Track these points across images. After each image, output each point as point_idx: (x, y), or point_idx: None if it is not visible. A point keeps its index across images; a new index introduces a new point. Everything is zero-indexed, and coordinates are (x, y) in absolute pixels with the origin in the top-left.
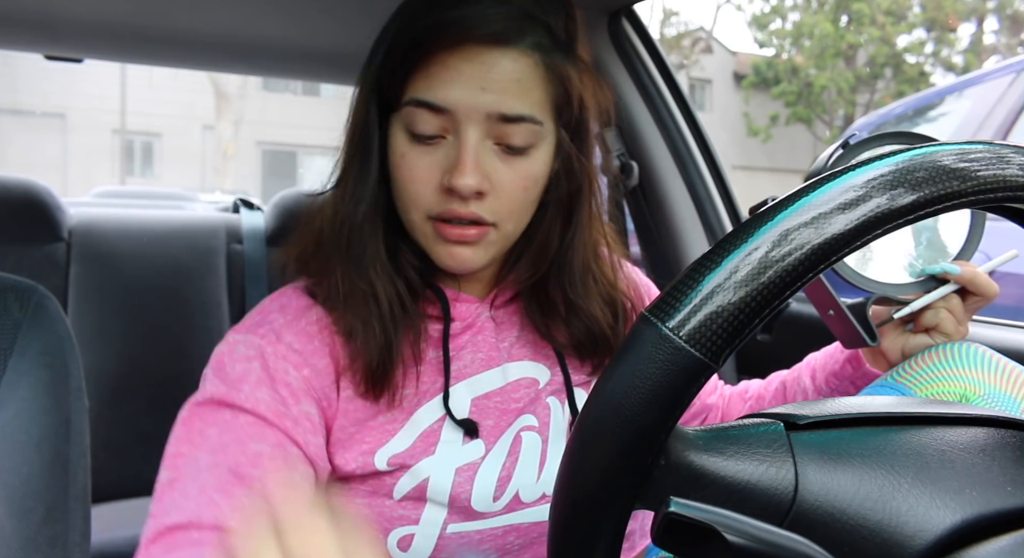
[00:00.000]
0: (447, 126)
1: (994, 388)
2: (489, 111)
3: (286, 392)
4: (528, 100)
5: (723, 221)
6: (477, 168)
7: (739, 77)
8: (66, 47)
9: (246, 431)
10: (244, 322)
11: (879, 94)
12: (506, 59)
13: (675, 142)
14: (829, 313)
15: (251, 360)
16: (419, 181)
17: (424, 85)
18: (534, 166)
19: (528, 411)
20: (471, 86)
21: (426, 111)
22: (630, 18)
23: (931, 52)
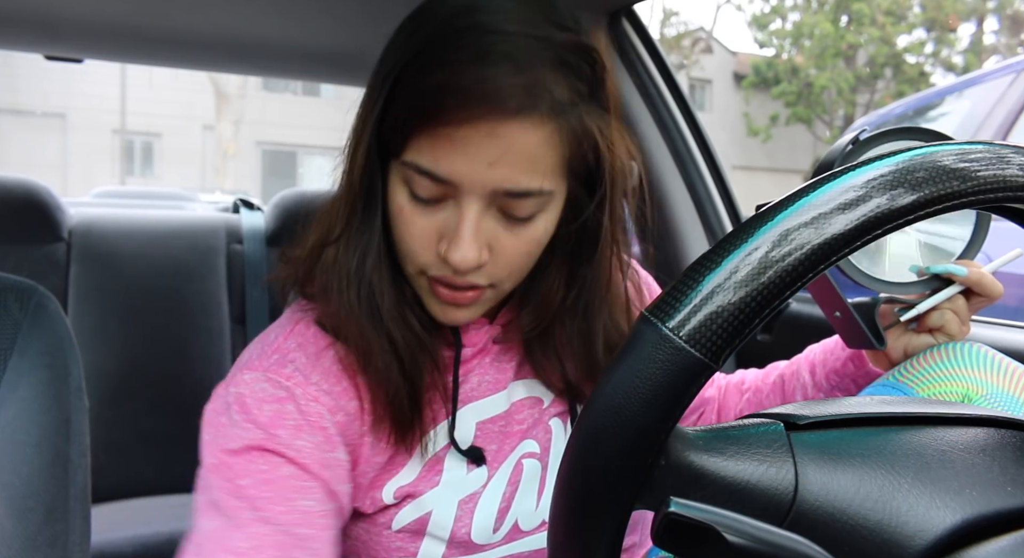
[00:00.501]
0: (448, 193)
1: (997, 388)
2: (495, 188)
3: (322, 438)
4: (539, 172)
5: (723, 221)
6: (476, 241)
7: (739, 77)
8: (66, 47)
9: (290, 486)
10: (257, 359)
11: (879, 94)
12: (520, 132)
13: (675, 142)
14: (835, 314)
15: (283, 402)
16: (415, 240)
17: (427, 153)
18: (538, 231)
19: (530, 435)
20: (478, 161)
21: (426, 178)
22: (630, 18)
23: (931, 52)
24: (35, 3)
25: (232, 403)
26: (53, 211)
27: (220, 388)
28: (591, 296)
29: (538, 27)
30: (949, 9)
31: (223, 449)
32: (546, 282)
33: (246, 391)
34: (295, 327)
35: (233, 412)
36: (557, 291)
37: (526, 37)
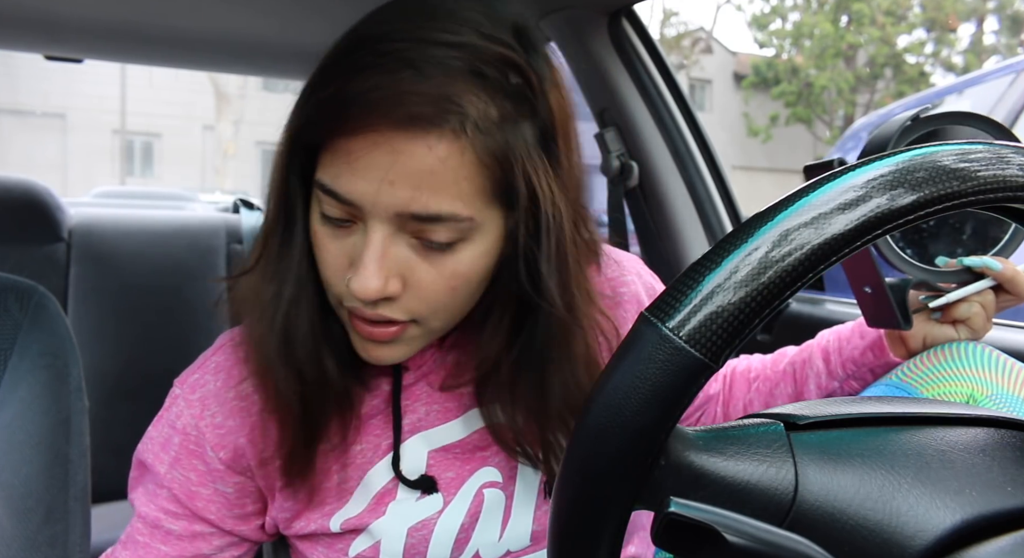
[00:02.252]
0: (356, 215)
1: (1001, 388)
2: (399, 209)
3: (203, 468)
4: (449, 194)
5: (723, 221)
6: (382, 270)
7: (739, 77)
8: (66, 47)
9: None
10: (195, 371)
11: (879, 94)
12: (422, 147)
13: (675, 142)
14: (865, 289)
15: (175, 431)
16: (329, 266)
17: (330, 170)
18: (462, 263)
19: (492, 463)
20: (376, 179)
21: (330, 198)
22: (630, 18)
23: (931, 52)
24: (35, 3)
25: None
26: (53, 211)
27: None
28: (541, 347)
29: (457, 35)
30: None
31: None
32: (491, 322)
33: (167, 404)
34: (224, 346)
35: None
36: (497, 338)
37: (438, 45)
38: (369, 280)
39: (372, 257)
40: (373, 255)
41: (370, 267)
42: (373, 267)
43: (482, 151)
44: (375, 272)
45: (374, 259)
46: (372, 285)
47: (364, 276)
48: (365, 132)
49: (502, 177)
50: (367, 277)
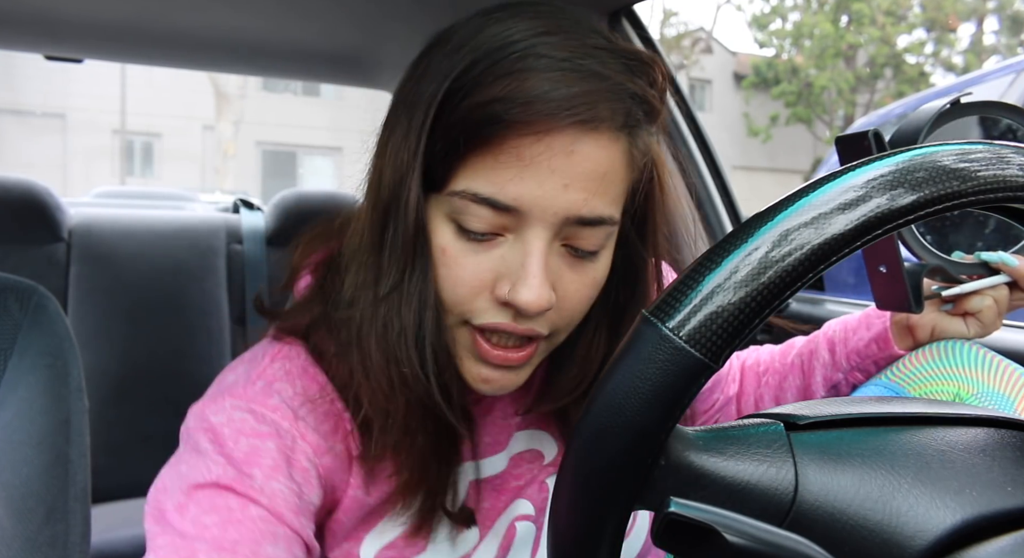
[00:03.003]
0: (508, 225)
1: (988, 387)
2: (569, 214)
3: (301, 480)
4: (612, 196)
5: (723, 221)
6: (548, 279)
7: (739, 77)
8: (66, 47)
9: (258, 528)
10: (241, 386)
11: (879, 94)
12: (596, 148)
13: (675, 142)
14: (880, 268)
15: (263, 438)
16: (464, 285)
17: (488, 176)
18: (600, 269)
19: (525, 495)
20: (552, 184)
21: (485, 207)
22: (630, 18)
23: (931, 52)
24: (35, 3)
25: (206, 432)
26: (53, 211)
27: (197, 408)
28: None
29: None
30: (949, 9)
31: (189, 483)
32: (585, 337)
33: (224, 421)
34: (281, 351)
35: (203, 442)
36: (599, 349)
37: (595, 49)
38: (539, 290)
39: (537, 266)
40: (538, 263)
41: (538, 276)
42: (540, 276)
43: (635, 156)
44: (542, 281)
45: (540, 267)
46: (543, 295)
47: (532, 286)
48: (543, 133)
49: (639, 179)
50: (535, 286)
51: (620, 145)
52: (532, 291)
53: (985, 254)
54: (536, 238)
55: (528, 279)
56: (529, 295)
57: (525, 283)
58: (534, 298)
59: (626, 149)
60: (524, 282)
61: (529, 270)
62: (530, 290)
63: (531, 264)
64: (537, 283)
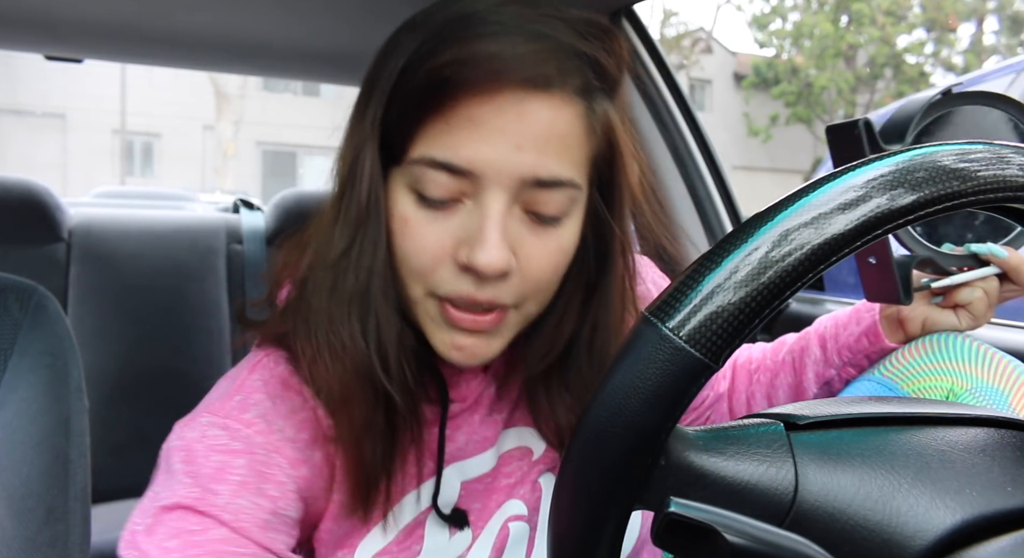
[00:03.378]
0: (466, 190)
1: (982, 381)
2: (524, 175)
3: (276, 493)
4: (569, 159)
5: (723, 221)
6: (505, 241)
7: (739, 77)
8: (66, 47)
9: (217, 550)
10: (219, 400)
11: (879, 94)
12: (548, 109)
13: (675, 142)
14: (869, 260)
15: (234, 454)
16: (426, 253)
17: (442, 141)
18: (566, 237)
19: (516, 494)
20: (504, 144)
21: (442, 172)
22: (630, 18)
23: (931, 52)
24: (35, 3)
25: (179, 450)
26: (53, 211)
27: (177, 426)
28: (604, 327)
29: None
30: (949, 9)
31: (156, 505)
32: (557, 310)
33: (197, 437)
34: (260, 361)
35: (175, 462)
36: (569, 322)
37: (548, 16)
38: (495, 251)
39: (494, 228)
40: (495, 225)
41: (494, 238)
42: (497, 238)
43: (591, 119)
44: (499, 243)
45: (496, 229)
46: (501, 257)
47: (488, 248)
48: (492, 95)
49: (603, 144)
50: (492, 248)
51: (575, 108)
52: (488, 253)
53: (975, 246)
54: (493, 201)
55: (485, 242)
56: (485, 257)
57: (482, 245)
58: (492, 259)
59: (583, 113)
60: (481, 245)
61: (486, 233)
62: (486, 252)
63: (488, 227)
64: (494, 245)
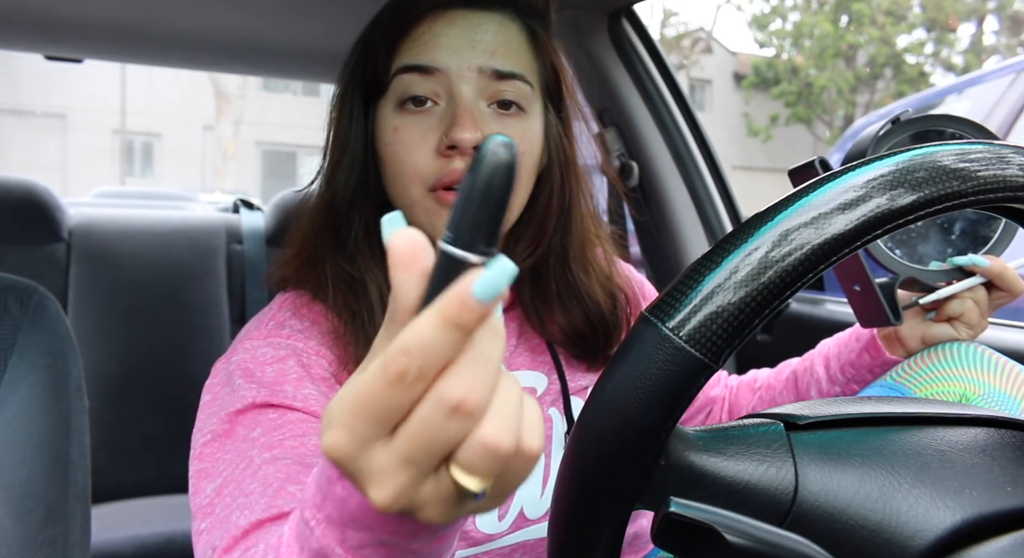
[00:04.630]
0: (439, 90)
1: (994, 388)
2: (482, 66)
3: (327, 387)
4: (518, 60)
5: (723, 221)
6: (475, 123)
7: (739, 77)
8: (66, 47)
9: (300, 427)
10: (257, 329)
11: (879, 94)
12: (492, 23)
13: (675, 142)
14: (854, 287)
15: (284, 360)
16: (415, 149)
17: (413, 51)
18: (529, 129)
19: None
20: (461, 45)
21: (417, 75)
22: (630, 18)
23: (931, 52)
24: (35, 3)
25: (234, 371)
26: (53, 211)
27: (220, 363)
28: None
29: None
30: (949, 9)
31: (229, 412)
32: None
33: (248, 357)
34: (286, 300)
35: (235, 378)
36: (551, 215)
37: None
38: (470, 126)
39: (465, 109)
40: (466, 107)
41: (467, 116)
42: (469, 116)
43: (534, 38)
44: (472, 121)
45: (468, 110)
46: (472, 133)
47: (464, 124)
48: (444, 12)
49: (546, 69)
50: (467, 124)
51: (517, 26)
52: (464, 128)
53: (957, 258)
54: (461, 90)
55: (459, 120)
56: (462, 132)
57: (458, 124)
58: (468, 132)
59: (524, 31)
60: (457, 124)
61: (459, 114)
62: (462, 128)
63: (459, 111)
64: (468, 121)
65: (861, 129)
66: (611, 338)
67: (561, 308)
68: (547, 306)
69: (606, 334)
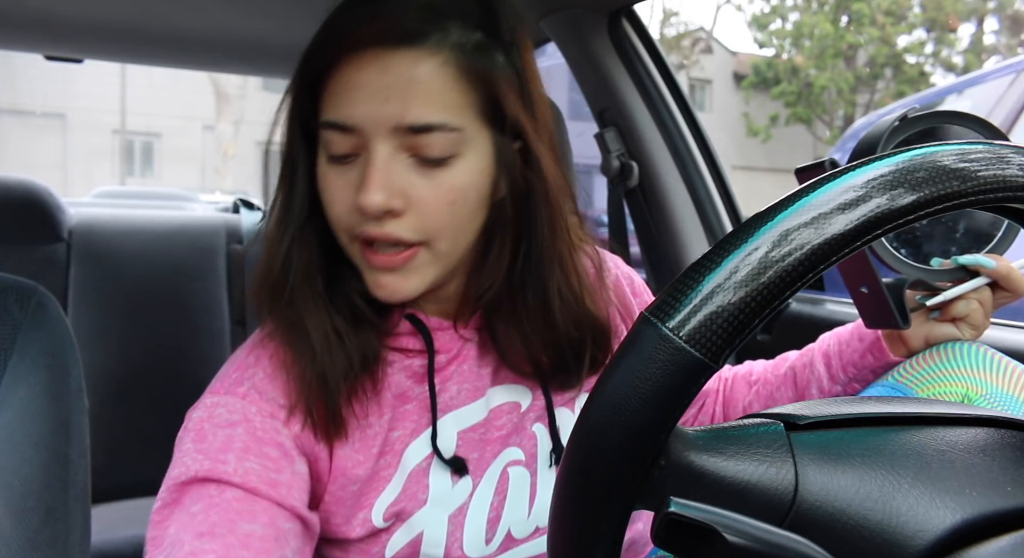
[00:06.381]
0: (357, 144)
1: (996, 388)
2: (395, 124)
3: (277, 454)
4: (437, 105)
5: (723, 221)
6: (384, 185)
7: (739, 77)
8: (66, 47)
9: (234, 508)
10: (221, 381)
11: (879, 94)
12: (405, 62)
13: (675, 142)
14: (861, 289)
15: (235, 425)
16: (337, 202)
17: (331, 104)
18: (458, 178)
19: (512, 442)
20: (373, 98)
21: (336, 132)
22: (630, 18)
23: (931, 52)
24: (35, 3)
25: (190, 430)
26: (53, 211)
27: (190, 412)
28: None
29: None
30: (949, 9)
31: (176, 482)
32: (494, 249)
33: (204, 416)
34: (255, 341)
35: (186, 442)
36: (503, 256)
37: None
38: (374, 193)
39: (375, 172)
40: (376, 170)
41: (374, 181)
42: (376, 181)
43: (463, 68)
44: (378, 186)
45: (377, 174)
46: (377, 197)
47: (370, 190)
48: (352, 56)
49: (487, 97)
50: (372, 190)
51: (440, 58)
52: (368, 194)
53: (962, 258)
54: (376, 149)
55: (366, 185)
56: (365, 198)
57: (364, 188)
58: (369, 200)
59: (450, 62)
60: (364, 187)
61: (367, 177)
62: (366, 194)
63: (368, 173)
64: (373, 187)
65: (861, 129)
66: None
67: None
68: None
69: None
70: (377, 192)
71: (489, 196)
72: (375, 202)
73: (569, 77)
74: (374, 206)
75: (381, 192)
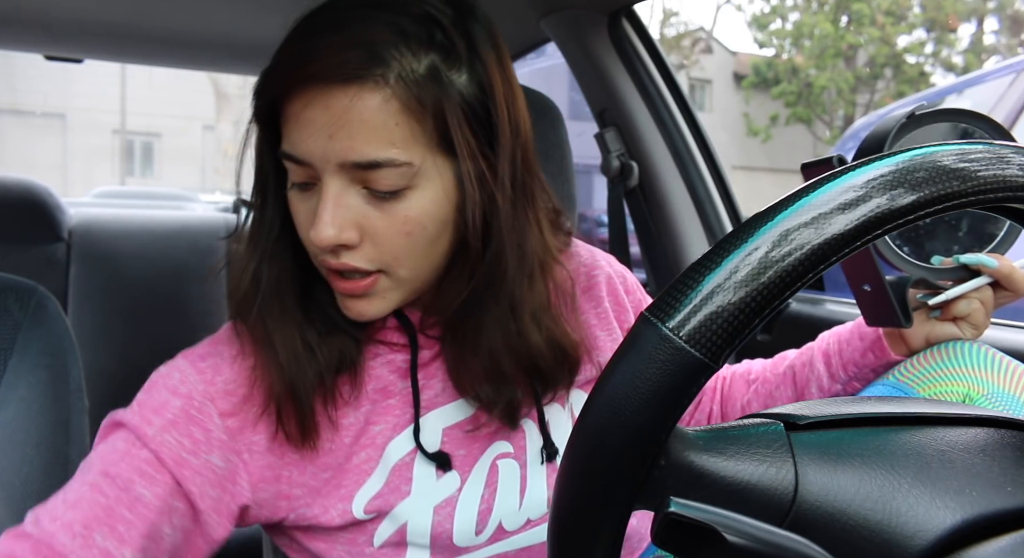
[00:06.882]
0: (313, 175)
1: (997, 388)
2: (341, 160)
3: (200, 437)
4: (383, 141)
5: (723, 221)
6: (335, 221)
7: (739, 77)
8: (66, 47)
9: (139, 469)
10: (200, 345)
11: (879, 94)
12: (346, 99)
13: (675, 142)
14: (864, 287)
15: (176, 396)
16: (302, 228)
17: (286, 135)
18: (412, 209)
19: (499, 437)
20: (319, 135)
21: (292, 163)
22: (630, 18)
23: (931, 52)
24: (35, 3)
25: (150, 381)
26: (53, 211)
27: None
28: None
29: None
30: (949, 9)
31: (116, 419)
32: (451, 276)
33: (164, 372)
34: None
35: (143, 390)
36: (463, 277)
37: (357, 7)
38: (324, 228)
39: (326, 208)
40: (326, 206)
41: (325, 216)
42: (327, 216)
43: (409, 101)
44: (329, 221)
45: (328, 209)
46: (327, 232)
47: (320, 225)
48: (297, 92)
49: (438, 126)
50: (322, 226)
51: (385, 93)
52: (318, 229)
53: (964, 257)
54: (327, 184)
55: (318, 220)
56: (315, 232)
57: (316, 223)
58: (317, 235)
59: (390, 97)
60: (316, 222)
61: (319, 212)
62: (317, 229)
63: (320, 207)
64: (323, 222)
65: (861, 129)
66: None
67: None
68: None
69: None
70: (327, 227)
71: (452, 221)
72: (326, 237)
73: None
74: (326, 241)
75: (332, 227)
